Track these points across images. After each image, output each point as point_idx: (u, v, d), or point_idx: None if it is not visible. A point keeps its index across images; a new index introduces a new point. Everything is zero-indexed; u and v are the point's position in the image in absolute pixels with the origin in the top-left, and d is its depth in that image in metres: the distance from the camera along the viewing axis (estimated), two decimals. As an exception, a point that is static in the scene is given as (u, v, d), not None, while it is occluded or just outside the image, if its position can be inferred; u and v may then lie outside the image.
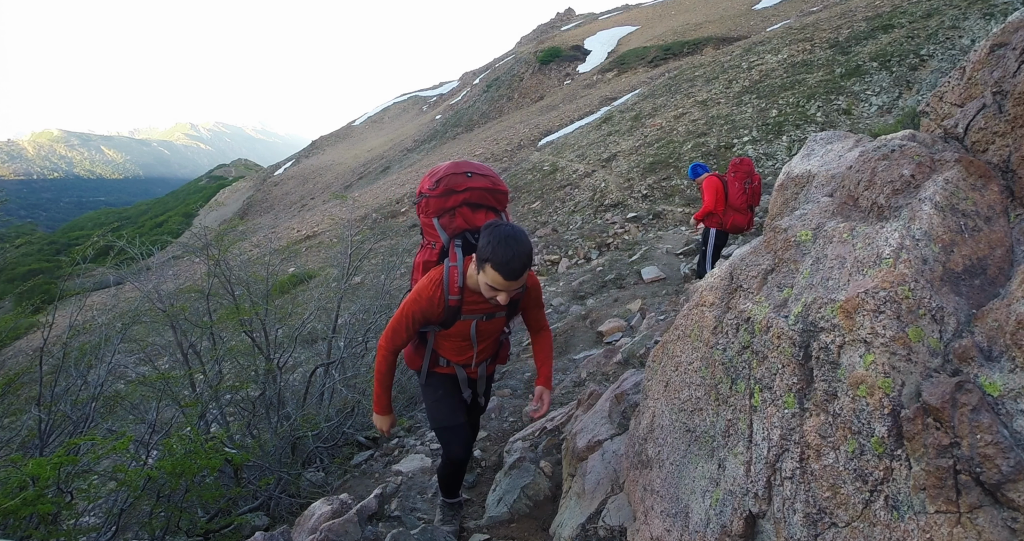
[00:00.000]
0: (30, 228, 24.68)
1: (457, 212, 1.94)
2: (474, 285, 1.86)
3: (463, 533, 2.31)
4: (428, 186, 1.96)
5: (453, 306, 1.90)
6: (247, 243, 7.84)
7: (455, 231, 1.94)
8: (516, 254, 1.65)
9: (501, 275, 1.65)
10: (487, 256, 1.66)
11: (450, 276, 1.88)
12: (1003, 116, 1.02)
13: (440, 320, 1.95)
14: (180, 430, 3.10)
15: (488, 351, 2.16)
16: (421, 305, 1.90)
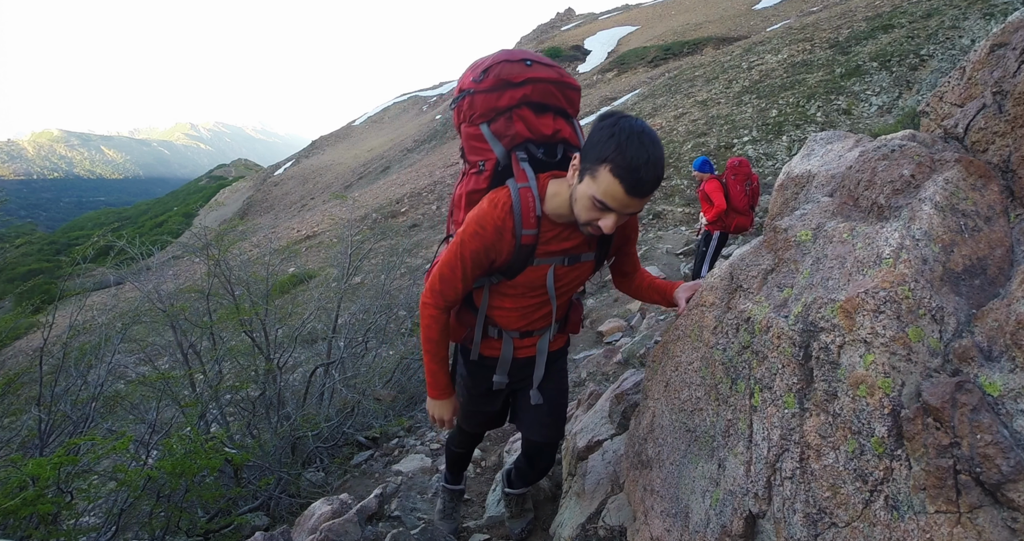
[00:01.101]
0: (30, 228, 24.72)
1: (515, 114, 1.41)
2: (557, 211, 1.37)
3: (463, 533, 2.31)
4: (472, 78, 1.43)
5: (527, 244, 1.38)
6: (247, 243, 7.84)
7: (513, 141, 1.42)
8: (651, 158, 1.16)
9: (624, 186, 1.17)
10: (607, 155, 1.17)
11: (523, 200, 1.36)
12: (1003, 116, 1.02)
13: (505, 264, 1.44)
14: (180, 430, 3.10)
15: (559, 313, 1.63)
16: (486, 240, 1.37)
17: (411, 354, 5.16)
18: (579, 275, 1.55)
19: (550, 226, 1.41)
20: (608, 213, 1.24)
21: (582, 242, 1.47)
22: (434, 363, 1.59)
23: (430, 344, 1.55)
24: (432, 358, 1.58)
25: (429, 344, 1.55)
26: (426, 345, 1.55)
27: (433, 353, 1.57)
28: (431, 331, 1.53)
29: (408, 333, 5.79)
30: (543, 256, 1.44)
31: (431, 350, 1.56)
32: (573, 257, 1.48)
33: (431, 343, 1.55)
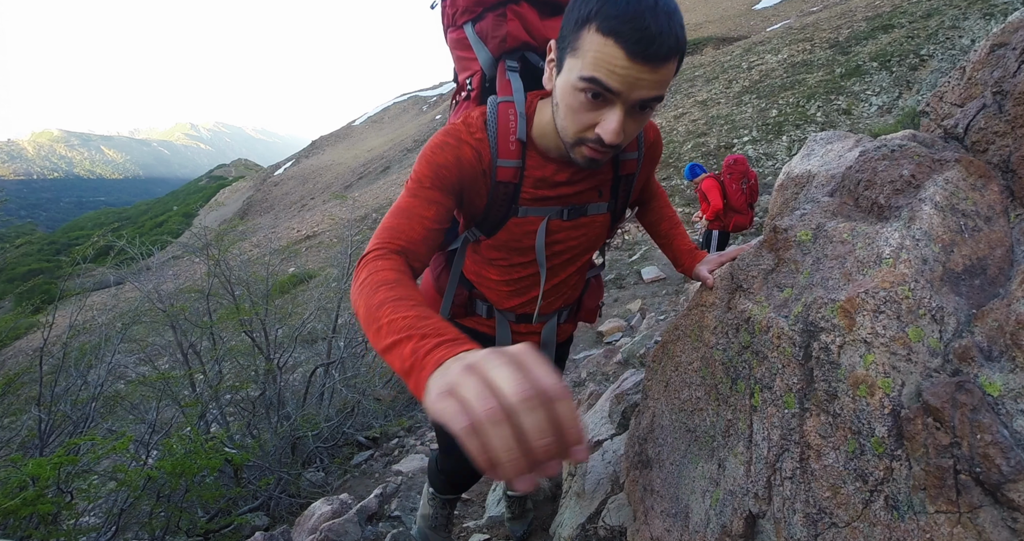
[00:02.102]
0: (30, 228, 24.74)
1: (509, 10, 1.06)
2: (548, 138, 0.98)
3: (463, 533, 2.31)
4: None
5: (506, 182, 1.00)
6: (247, 243, 7.85)
7: (503, 45, 1.07)
8: (660, 4, 0.75)
9: (622, 45, 0.75)
10: (590, 11, 0.77)
11: (501, 118, 0.98)
12: (1003, 116, 1.02)
13: (481, 213, 1.05)
14: (180, 430, 3.10)
15: (566, 292, 1.25)
16: (459, 154, 0.96)
17: (411, 354, 5.16)
18: (586, 236, 1.13)
19: (539, 160, 1.01)
20: (606, 106, 0.81)
21: (588, 187, 1.06)
22: (395, 319, 0.70)
23: (374, 301, 0.74)
24: (387, 317, 0.71)
25: (372, 301, 0.74)
26: (365, 307, 0.74)
27: (387, 307, 0.72)
28: (379, 274, 0.80)
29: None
30: (531, 204, 1.04)
31: (378, 307, 0.73)
32: (575, 208, 1.07)
33: (385, 289, 0.76)
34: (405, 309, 0.70)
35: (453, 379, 0.51)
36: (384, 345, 0.67)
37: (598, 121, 0.83)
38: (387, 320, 0.69)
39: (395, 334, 0.66)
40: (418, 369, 0.59)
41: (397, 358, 0.64)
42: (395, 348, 0.65)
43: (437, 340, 0.62)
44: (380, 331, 0.69)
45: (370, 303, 0.74)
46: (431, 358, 0.59)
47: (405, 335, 0.65)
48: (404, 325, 0.67)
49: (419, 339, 0.63)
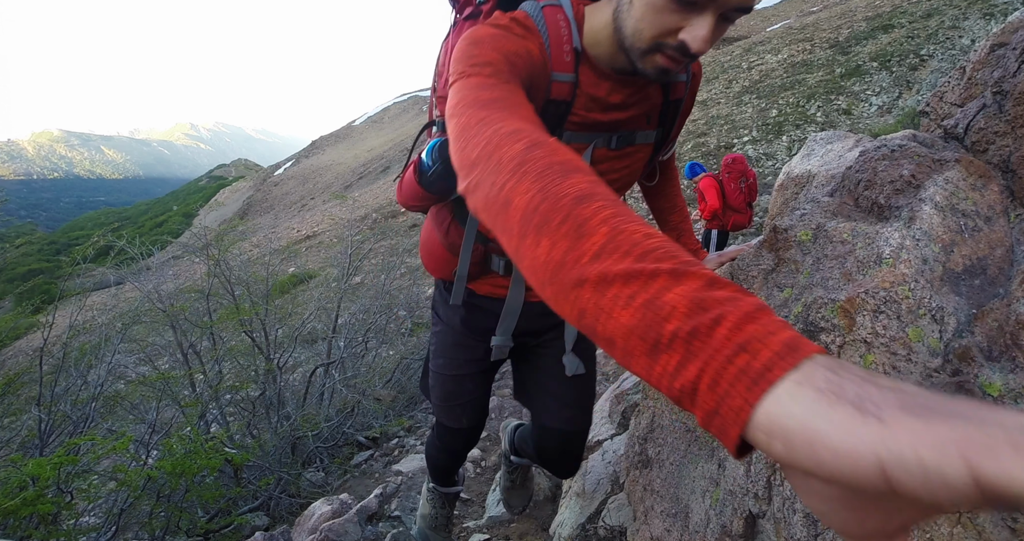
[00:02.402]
0: (30, 228, 24.75)
1: None
2: (602, 46, 0.83)
3: (463, 533, 2.31)
4: None
5: (558, 100, 0.85)
6: (247, 243, 7.85)
7: None
8: None
9: None
10: None
11: (551, 24, 0.84)
12: (1003, 116, 1.02)
13: None
14: (180, 430, 3.10)
15: None
16: (522, 50, 0.77)
17: (411, 354, 5.16)
18: (628, 169, 1.01)
19: (593, 76, 0.86)
20: (694, 11, 0.70)
21: (639, 112, 0.93)
22: (670, 250, 0.41)
23: (582, 184, 0.47)
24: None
25: (579, 187, 0.46)
26: (572, 195, 0.46)
27: (622, 214, 0.44)
28: (557, 154, 0.51)
29: (408, 333, 5.80)
30: (579, 129, 0.90)
31: (600, 195, 0.46)
32: (625, 136, 0.94)
33: (583, 178, 0.48)
34: (638, 224, 0.43)
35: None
36: (615, 270, 0.39)
37: (683, 26, 0.72)
38: (614, 229, 0.42)
39: (648, 259, 0.39)
40: (740, 351, 0.33)
41: (651, 307, 0.37)
42: (648, 284, 0.38)
43: (758, 307, 0.36)
44: (590, 238, 0.42)
45: (560, 188, 0.46)
46: (776, 340, 0.33)
47: (675, 268, 0.38)
48: (661, 251, 0.40)
49: (718, 290, 0.37)
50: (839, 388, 0.30)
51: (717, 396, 0.33)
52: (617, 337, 0.39)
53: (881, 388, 0.30)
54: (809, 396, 0.30)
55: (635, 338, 0.38)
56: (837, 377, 0.30)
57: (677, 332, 0.35)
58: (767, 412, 0.31)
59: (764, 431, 0.31)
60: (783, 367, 0.31)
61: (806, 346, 0.33)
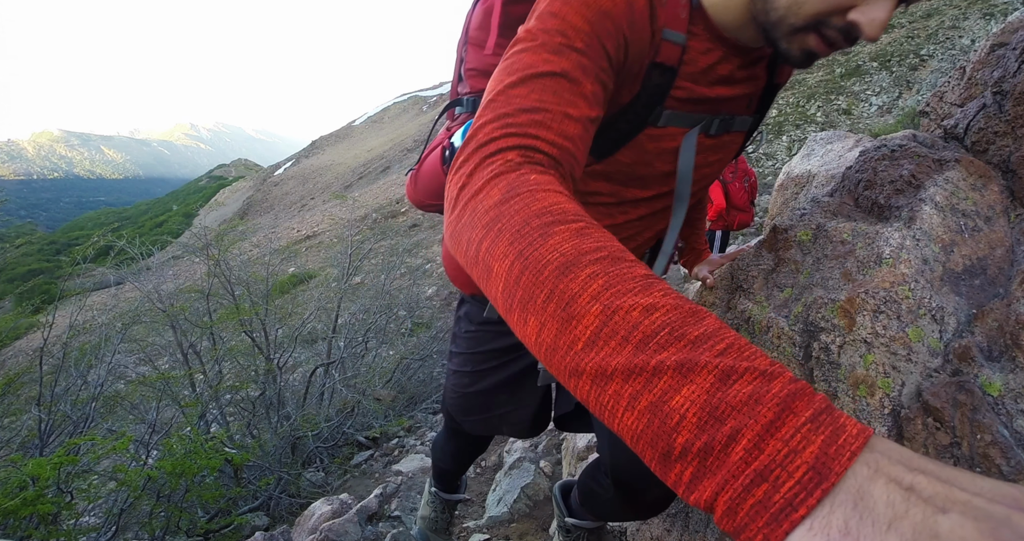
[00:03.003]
0: (30, 228, 24.77)
1: None
2: (727, 11, 0.68)
3: (463, 533, 2.31)
4: None
5: (665, 66, 0.69)
6: (247, 243, 7.85)
7: None
8: None
9: None
10: None
11: None
12: (1003, 116, 1.02)
13: (616, 110, 0.72)
14: (180, 430, 3.10)
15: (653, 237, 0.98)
16: (621, 6, 0.61)
17: (411, 354, 5.16)
18: (720, 163, 0.89)
19: (706, 42, 0.71)
20: None
21: (743, 93, 0.79)
22: (682, 327, 0.36)
23: (568, 242, 0.42)
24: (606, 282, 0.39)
25: (565, 249, 0.41)
26: (559, 263, 0.40)
27: (622, 278, 0.39)
28: (540, 197, 0.46)
29: (408, 333, 5.80)
30: (680, 107, 0.74)
31: (595, 258, 0.41)
32: (725, 120, 0.80)
33: (567, 231, 0.43)
34: (635, 294, 0.37)
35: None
36: (613, 365, 0.35)
37: (856, 4, 0.58)
38: (606, 308, 0.37)
39: (649, 348, 0.35)
40: (760, 481, 0.29)
41: (657, 413, 0.33)
42: (651, 383, 0.34)
43: (783, 404, 0.31)
44: (581, 321, 0.37)
45: (539, 254, 0.41)
46: (800, 464, 0.29)
47: (682, 362, 0.34)
48: (664, 333, 0.35)
49: (759, 380, 0.32)
50: (857, 534, 0.27)
51: (735, 525, 0.30)
52: (624, 436, 0.36)
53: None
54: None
55: (643, 443, 0.34)
56: (858, 521, 0.27)
57: (688, 447, 0.32)
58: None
59: None
60: (807, 504, 0.28)
61: (836, 462, 0.29)
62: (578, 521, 1.32)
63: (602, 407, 0.36)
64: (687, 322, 0.36)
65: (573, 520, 1.32)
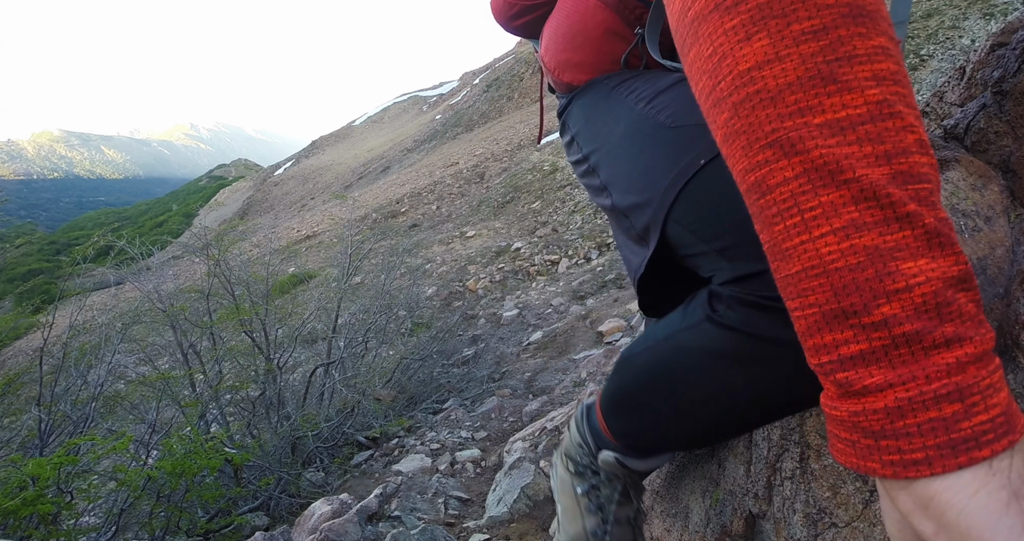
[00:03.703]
0: (30, 228, 24.80)
1: None
2: None
3: (463, 533, 2.31)
4: None
5: None
6: (247, 243, 7.85)
7: None
8: None
9: None
10: None
11: None
12: (1003, 116, 1.02)
13: None
14: (180, 430, 3.10)
15: None
16: None
17: (411, 354, 5.16)
18: None
19: None
20: None
21: None
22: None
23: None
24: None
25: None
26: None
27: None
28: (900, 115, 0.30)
29: (408, 333, 5.79)
30: None
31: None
32: None
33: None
34: (916, 114, 0.30)
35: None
36: (855, 174, 0.28)
37: None
38: (886, 101, 0.29)
39: (908, 186, 0.28)
40: (955, 398, 0.27)
41: (874, 262, 0.28)
42: (889, 228, 0.28)
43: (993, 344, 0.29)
44: (846, 93, 0.29)
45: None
46: (997, 404, 0.27)
47: (937, 229, 0.28)
48: (930, 183, 0.29)
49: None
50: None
51: (891, 427, 0.27)
52: (795, 258, 0.29)
53: None
54: (1000, 499, 0.25)
55: (822, 281, 0.28)
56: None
57: (890, 322, 0.27)
58: (943, 490, 0.26)
59: (922, 505, 0.26)
60: (992, 448, 0.26)
61: (1018, 420, 0.27)
62: (620, 456, 0.83)
63: (794, 207, 0.29)
64: (940, 196, 0.30)
65: (609, 453, 0.83)
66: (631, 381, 0.69)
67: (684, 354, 0.56)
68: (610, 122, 0.69)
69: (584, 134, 0.76)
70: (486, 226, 13.45)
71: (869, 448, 0.28)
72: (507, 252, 11.01)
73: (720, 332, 0.51)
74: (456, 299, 9.13)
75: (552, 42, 0.82)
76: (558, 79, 0.82)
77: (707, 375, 0.54)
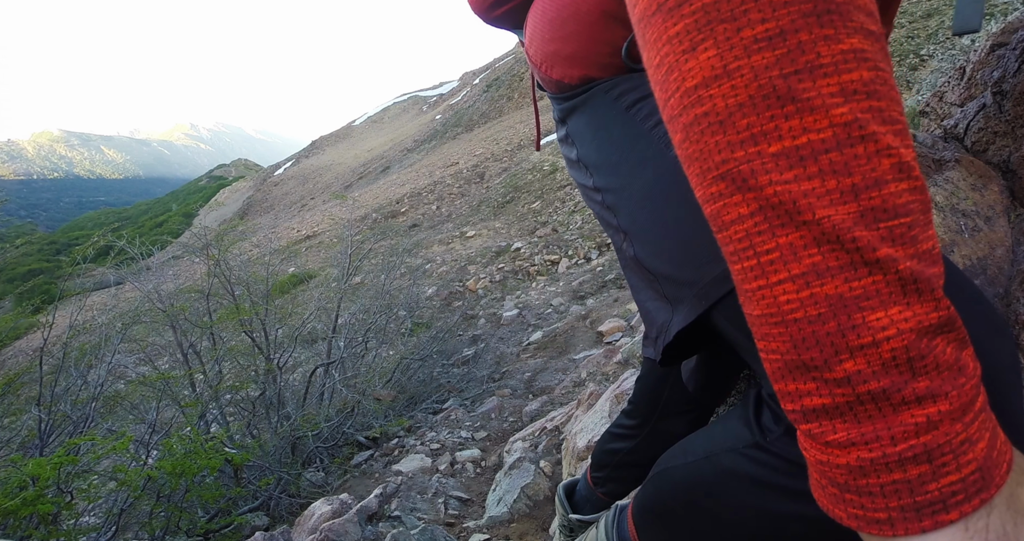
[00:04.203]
0: (30, 228, 24.78)
1: None
2: None
3: (463, 533, 2.31)
4: None
5: None
6: (247, 243, 7.85)
7: None
8: None
9: None
10: None
11: None
12: (1003, 116, 1.02)
13: None
14: (180, 430, 3.10)
15: None
16: None
17: (411, 354, 5.16)
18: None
19: None
20: None
21: None
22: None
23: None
24: None
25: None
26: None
27: None
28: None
29: (408, 333, 5.80)
30: None
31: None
32: None
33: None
34: (897, 120, 0.27)
35: None
36: (816, 215, 0.25)
37: None
38: (863, 119, 0.26)
39: (880, 223, 0.25)
40: (922, 460, 0.25)
41: (838, 312, 0.25)
42: (855, 274, 0.25)
43: (977, 385, 0.26)
44: (807, 112, 0.26)
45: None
46: (971, 461, 0.25)
47: (911, 271, 0.25)
48: (913, 212, 0.26)
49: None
50: (1016, 537, 0.25)
51: (857, 485, 0.26)
52: (754, 305, 0.27)
53: None
54: None
55: (781, 331, 0.26)
56: (1013, 525, 0.25)
57: (854, 380, 0.25)
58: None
59: None
60: (961, 510, 0.24)
61: (996, 473, 0.25)
62: (582, 516, 1.18)
63: (750, 248, 0.26)
64: (929, 221, 0.26)
65: (577, 516, 1.18)
66: (668, 497, 0.64)
67: (731, 478, 0.51)
68: (632, 159, 0.58)
69: (595, 161, 0.65)
70: (486, 226, 13.45)
71: (835, 496, 0.27)
72: (507, 252, 11.01)
73: (772, 460, 0.46)
74: (456, 299, 9.13)
75: (537, 31, 0.69)
76: (546, 75, 0.69)
77: (756, 505, 0.49)
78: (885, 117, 0.26)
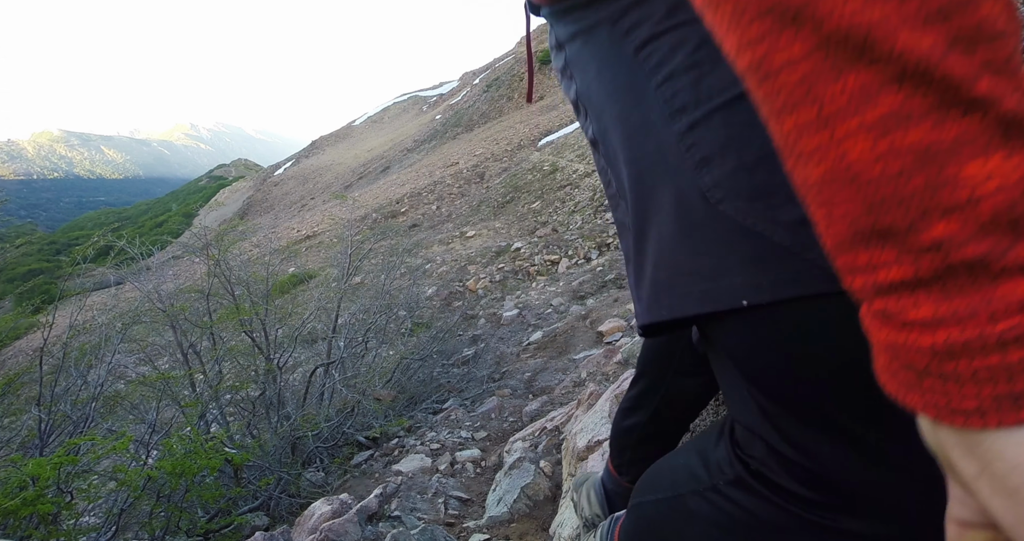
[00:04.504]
0: (30, 228, 24.78)
1: None
2: None
3: (463, 533, 2.31)
4: None
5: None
6: (247, 243, 7.85)
7: None
8: None
9: None
10: None
11: None
12: (1003, 116, 1.02)
13: None
14: (180, 430, 3.10)
15: None
16: None
17: (411, 354, 5.17)
18: None
19: None
20: None
21: None
22: None
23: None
24: None
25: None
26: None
27: None
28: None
29: (408, 333, 5.80)
30: None
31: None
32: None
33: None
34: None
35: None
36: (908, 46, 0.20)
37: None
38: None
39: (986, 72, 0.20)
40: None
41: (923, 164, 0.21)
42: (947, 117, 0.20)
43: None
44: None
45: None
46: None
47: (1016, 114, 0.20)
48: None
49: None
50: None
51: (942, 370, 0.22)
52: (815, 165, 0.23)
53: None
54: None
55: (852, 198, 0.22)
56: None
57: (946, 246, 0.21)
58: (997, 439, 0.21)
59: (967, 446, 0.22)
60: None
61: None
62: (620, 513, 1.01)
63: (808, 96, 0.22)
64: (1020, 49, 0.22)
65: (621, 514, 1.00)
66: (644, 531, 0.66)
67: (695, 519, 0.53)
68: (635, 121, 0.49)
69: (596, 105, 0.54)
70: (486, 226, 13.45)
71: (909, 382, 0.23)
72: (507, 252, 11.01)
73: (727, 505, 0.49)
74: (456, 299, 9.13)
75: None
76: None
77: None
78: None
